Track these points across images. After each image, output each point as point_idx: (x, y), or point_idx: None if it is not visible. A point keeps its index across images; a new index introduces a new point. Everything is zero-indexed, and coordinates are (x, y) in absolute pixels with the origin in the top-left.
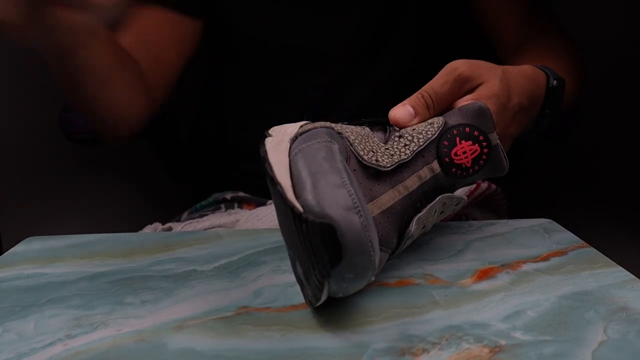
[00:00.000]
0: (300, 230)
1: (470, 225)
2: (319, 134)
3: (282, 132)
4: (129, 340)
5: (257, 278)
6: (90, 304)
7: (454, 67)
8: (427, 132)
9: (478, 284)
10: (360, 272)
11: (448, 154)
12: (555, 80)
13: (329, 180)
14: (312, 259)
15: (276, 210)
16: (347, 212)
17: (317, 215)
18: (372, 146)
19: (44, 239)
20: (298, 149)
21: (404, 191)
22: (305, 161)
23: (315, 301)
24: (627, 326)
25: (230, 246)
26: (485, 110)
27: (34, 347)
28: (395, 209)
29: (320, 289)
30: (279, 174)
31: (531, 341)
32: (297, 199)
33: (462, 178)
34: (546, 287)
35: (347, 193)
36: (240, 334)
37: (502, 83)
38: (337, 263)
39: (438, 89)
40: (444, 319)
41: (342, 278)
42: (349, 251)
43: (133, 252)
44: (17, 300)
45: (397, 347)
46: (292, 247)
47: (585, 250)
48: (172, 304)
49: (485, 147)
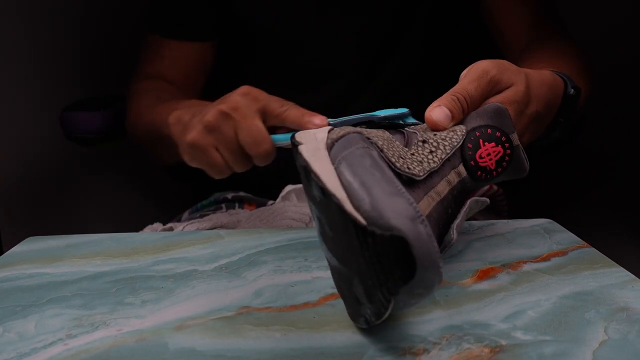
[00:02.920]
0: (365, 245)
1: (471, 225)
2: (355, 140)
3: (312, 139)
4: (130, 340)
5: (257, 278)
6: (90, 304)
7: (485, 70)
8: (451, 139)
9: (479, 284)
10: (429, 285)
11: (473, 156)
12: (572, 89)
13: (384, 189)
14: (379, 276)
15: (324, 225)
16: (412, 222)
17: (383, 228)
18: (400, 152)
19: (44, 239)
20: (341, 157)
21: (436, 197)
22: (353, 170)
23: (376, 319)
24: (628, 326)
25: (231, 246)
26: (504, 111)
27: (35, 347)
28: (433, 216)
29: (387, 306)
30: (330, 184)
31: (532, 341)
32: (357, 210)
33: (485, 180)
34: (547, 287)
35: (406, 202)
36: (241, 334)
37: (526, 89)
38: (410, 278)
39: (472, 92)
40: (445, 319)
41: (411, 294)
42: (421, 264)
43: (134, 252)
44: (17, 300)
45: (397, 347)
46: (348, 264)
47: (586, 250)
48: (173, 304)
49: (508, 148)
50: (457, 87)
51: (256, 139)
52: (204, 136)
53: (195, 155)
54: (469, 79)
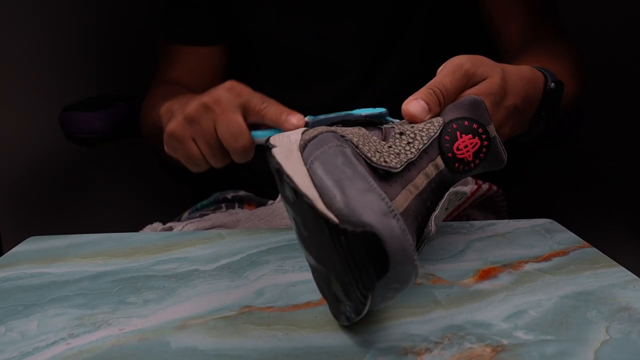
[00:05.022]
0: (338, 243)
1: (472, 225)
2: (328, 139)
3: (286, 140)
4: (132, 340)
5: (259, 278)
6: (92, 304)
7: (460, 64)
8: (428, 129)
9: (480, 284)
10: (405, 279)
11: (451, 148)
12: (553, 83)
13: (356, 186)
14: (354, 272)
15: (299, 225)
16: (385, 217)
17: (355, 225)
18: (376, 146)
19: (45, 238)
20: (313, 157)
21: (414, 191)
22: (325, 168)
23: (355, 316)
24: (630, 326)
25: (232, 246)
26: (480, 103)
27: (37, 347)
28: (411, 210)
29: (364, 303)
30: (301, 185)
31: (533, 341)
32: (329, 209)
33: (463, 172)
34: (548, 286)
35: (378, 197)
36: (243, 334)
37: (501, 82)
38: (384, 273)
39: (448, 85)
40: (446, 319)
41: (387, 288)
42: (394, 259)
43: (135, 252)
44: (19, 299)
45: (399, 346)
46: (324, 262)
47: (587, 250)
48: (175, 304)
49: (485, 139)
50: (433, 80)
51: (234, 134)
52: (183, 127)
53: (172, 146)
54: (444, 72)
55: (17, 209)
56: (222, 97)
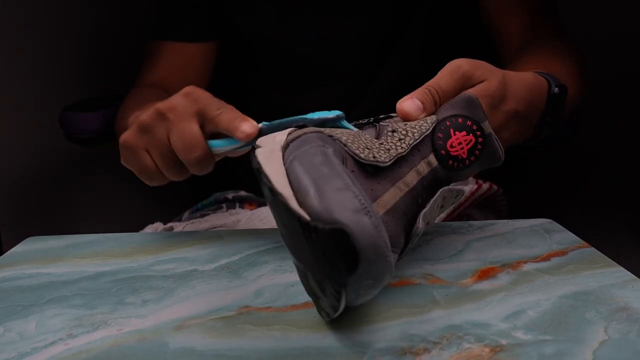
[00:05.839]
0: (310, 240)
1: (471, 225)
2: (310, 139)
3: (271, 141)
4: (130, 340)
5: (258, 278)
6: (91, 304)
7: (458, 65)
8: (420, 127)
9: (479, 284)
10: (378, 276)
11: (444, 146)
12: (557, 88)
13: (332, 185)
14: (326, 269)
15: (279, 224)
16: (356, 214)
17: (326, 222)
18: (367, 143)
19: (44, 239)
20: (293, 156)
21: (404, 188)
22: (304, 168)
23: (333, 312)
24: (628, 326)
25: (231, 246)
26: (474, 100)
27: (36, 347)
28: (399, 207)
29: (338, 299)
30: (277, 184)
31: (532, 341)
32: (301, 207)
33: (459, 170)
34: (547, 286)
35: (352, 195)
36: (241, 334)
37: (499, 85)
38: (354, 270)
39: (444, 86)
40: (445, 319)
41: (360, 285)
42: (365, 255)
43: (134, 252)
44: (18, 300)
45: (398, 346)
46: (301, 260)
47: (586, 250)
48: (173, 304)
49: (480, 136)
50: (431, 81)
51: (188, 144)
52: (136, 137)
53: (126, 157)
54: (442, 73)
55: (17, 209)
56: (178, 104)
